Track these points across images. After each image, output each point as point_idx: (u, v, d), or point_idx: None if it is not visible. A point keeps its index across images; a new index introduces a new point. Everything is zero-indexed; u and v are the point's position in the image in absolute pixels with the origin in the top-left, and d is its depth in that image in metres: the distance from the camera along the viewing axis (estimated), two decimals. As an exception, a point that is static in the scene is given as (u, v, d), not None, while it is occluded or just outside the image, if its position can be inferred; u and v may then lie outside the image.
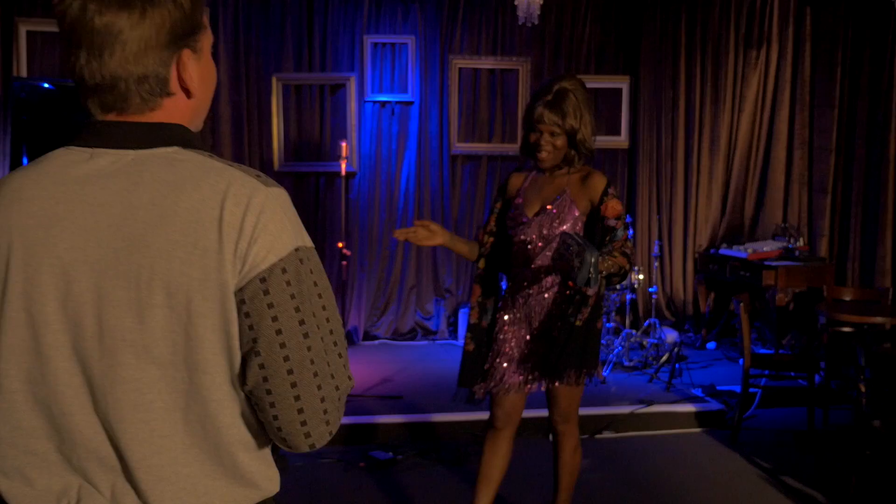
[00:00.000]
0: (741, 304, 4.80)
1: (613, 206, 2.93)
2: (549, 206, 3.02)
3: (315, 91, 6.76)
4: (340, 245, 6.29)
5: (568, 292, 3.02)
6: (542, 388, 3.12)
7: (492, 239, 3.21)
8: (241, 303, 1.14)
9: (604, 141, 7.07)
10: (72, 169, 1.18)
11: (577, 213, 2.99)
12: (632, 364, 6.01)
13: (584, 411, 4.91)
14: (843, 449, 4.57)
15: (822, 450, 4.67)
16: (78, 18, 1.15)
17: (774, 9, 6.85)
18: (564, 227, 2.97)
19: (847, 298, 5.28)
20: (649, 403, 5.13)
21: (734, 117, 6.97)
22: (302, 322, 1.16)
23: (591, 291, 2.83)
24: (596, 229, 2.96)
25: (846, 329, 5.10)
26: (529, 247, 3.06)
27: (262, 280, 1.13)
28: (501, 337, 3.13)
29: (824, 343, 5.44)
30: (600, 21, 7.01)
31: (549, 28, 6.90)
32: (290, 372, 1.16)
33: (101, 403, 1.15)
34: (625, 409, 5.03)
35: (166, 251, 1.12)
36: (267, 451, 1.25)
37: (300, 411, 1.17)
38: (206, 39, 1.25)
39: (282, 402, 1.16)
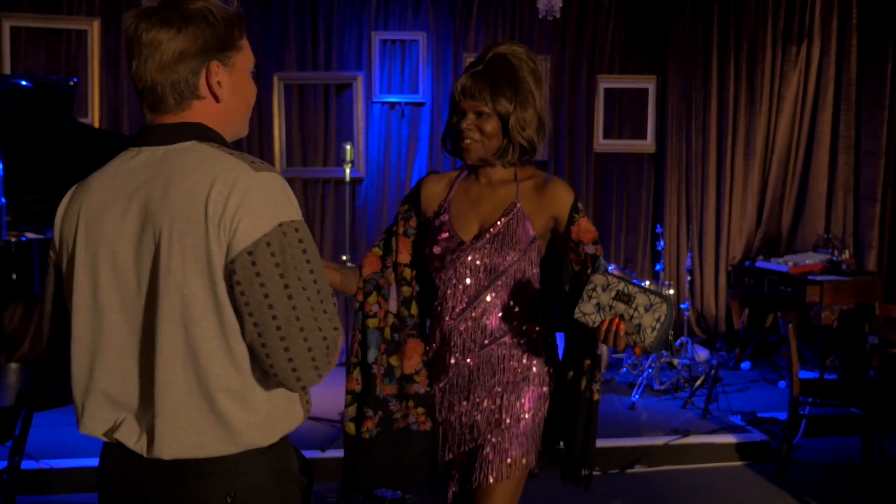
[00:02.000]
0: (789, 326, 4.40)
1: (588, 228, 2.24)
2: (492, 228, 2.25)
3: (319, 91, 6.54)
4: (344, 258, 5.92)
5: (528, 360, 2.28)
6: (479, 482, 2.27)
7: (415, 271, 2.36)
8: (232, 273, 1.42)
9: (628, 145, 6.85)
10: (123, 164, 1.52)
11: (532, 234, 2.25)
12: (663, 387, 5.57)
13: (613, 443, 4.56)
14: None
15: (882, 487, 4.27)
16: (133, 34, 1.49)
17: (817, 0, 6.51)
18: (511, 256, 2.23)
19: (902, 317, 4.99)
20: (685, 433, 4.74)
21: (771, 119, 6.64)
22: (287, 286, 1.43)
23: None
24: (566, 257, 2.28)
25: (902, 351, 4.76)
26: (466, 283, 2.27)
27: (250, 253, 1.41)
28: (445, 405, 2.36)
29: (874, 365, 5.10)
30: (625, 15, 6.71)
31: (570, 23, 6.61)
32: (278, 328, 1.43)
33: (140, 350, 1.49)
34: (658, 441, 4.66)
35: (169, 223, 1.43)
36: (256, 402, 1.49)
37: (290, 360, 1.45)
38: (242, 58, 1.57)
39: (274, 352, 1.44)
